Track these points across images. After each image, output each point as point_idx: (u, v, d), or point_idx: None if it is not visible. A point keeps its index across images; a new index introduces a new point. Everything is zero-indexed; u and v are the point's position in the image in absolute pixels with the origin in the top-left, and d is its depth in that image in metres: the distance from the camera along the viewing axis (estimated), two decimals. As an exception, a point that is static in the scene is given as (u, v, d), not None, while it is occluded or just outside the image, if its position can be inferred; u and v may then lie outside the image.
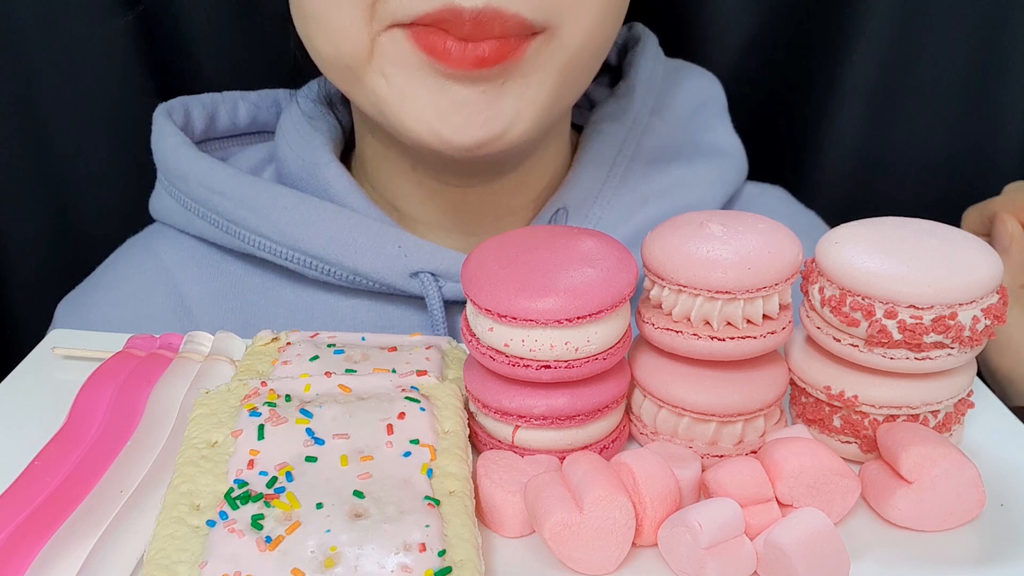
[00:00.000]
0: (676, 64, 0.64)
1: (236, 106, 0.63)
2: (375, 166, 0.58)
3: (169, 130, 0.58)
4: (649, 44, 0.62)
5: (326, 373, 0.41)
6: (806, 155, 0.74)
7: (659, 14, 0.68)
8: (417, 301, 0.55)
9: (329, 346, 0.45)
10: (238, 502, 0.34)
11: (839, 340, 0.40)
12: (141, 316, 0.57)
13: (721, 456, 0.41)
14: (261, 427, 0.37)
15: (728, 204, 0.61)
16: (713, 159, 0.60)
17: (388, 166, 0.56)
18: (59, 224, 0.74)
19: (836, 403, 0.41)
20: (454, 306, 0.55)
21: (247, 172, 0.57)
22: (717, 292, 0.38)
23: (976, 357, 0.40)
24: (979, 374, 0.42)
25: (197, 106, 0.61)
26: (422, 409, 0.39)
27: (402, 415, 0.38)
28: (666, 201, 0.58)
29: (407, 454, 0.37)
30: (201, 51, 0.71)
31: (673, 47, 0.65)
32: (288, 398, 0.39)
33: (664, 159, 0.59)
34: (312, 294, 0.56)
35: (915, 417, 0.40)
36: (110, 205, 0.73)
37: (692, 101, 0.62)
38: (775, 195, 0.65)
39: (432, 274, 0.53)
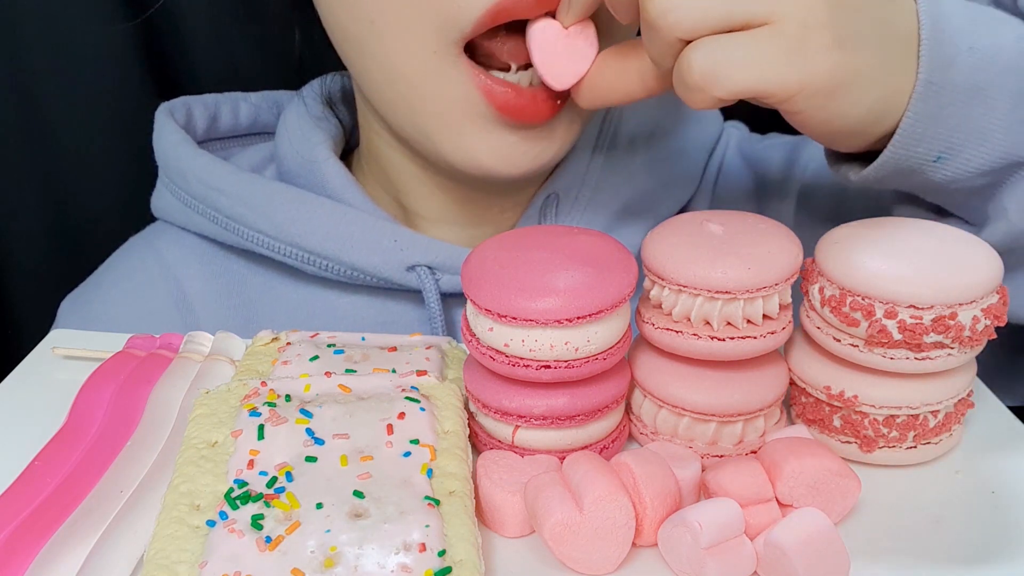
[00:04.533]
0: None
1: (238, 106, 0.63)
2: (380, 163, 0.58)
3: (170, 128, 0.58)
4: None
5: (326, 373, 0.41)
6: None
7: None
8: (415, 295, 0.56)
9: (329, 346, 0.45)
10: (238, 502, 0.34)
11: (839, 340, 0.40)
12: (144, 313, 0.58)
13: (721, 456, 0.41)
14: (261, 427, 0.37)
15: (709, 160, 0.63)
16: (690, 126, 0.61)
17: (394, 163, 0.57)
18: (60, 223, 0.74)
19: (836, 403, 0.41)
20: (452, 299, 0.55)
21: (248, 171, 0.57)
22: (717, 292, 0.38)
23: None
24: (978, 374, 0.42)
25: (199, 106, 0.61)
26: (422, 409, 0.39)
27: (402, 415, 0.38)
28: (652, 175, 0.59)
29: (407, 454, 0.37)
30: (200, 50, 0.71)
31: None
32: (288, 398, 0.39)
33: (643, 135, 0.60)
34: (312, 290, 0.57)
35: (915, 417, 0.40)
36: (110, 204, 0.73)
37: None
38: (732, 140, 0.65)
39: (429, 267, 0.53)
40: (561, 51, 0.45)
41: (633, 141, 0.60)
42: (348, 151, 0.62)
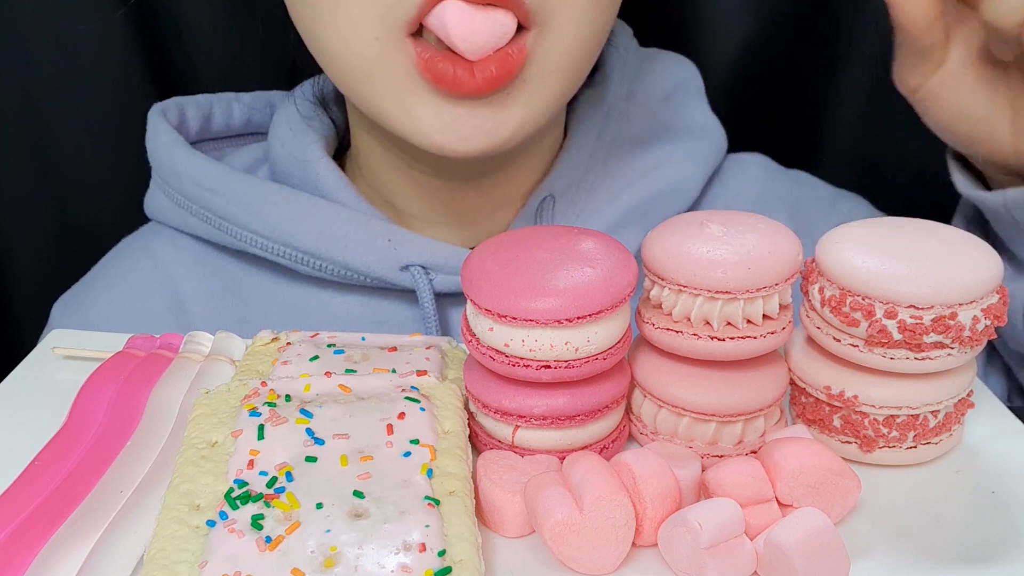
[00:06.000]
0: (649, 52, 0.64)
1: (230, 107, 0.63)
2: (370, 162, 0.58)
3: (163, 128, 0.58)
4: (621, 34, 0.63)
5: (326, 373, 0.41)
6: (805, 155, 0.74)
7: (658, 15, 0.68)
8: (409, 295, 0.56)
9: (329, 346, 0.45)
10: (238, 502, 0.34)
11: (839, 340, 0.40)
12: (137, 314, 0.58)
13: (721, 456, 0.41)
14: (261, 427, 0.37)
15: (711, 179, 0.62)
16: (691, 138, 0.61)
17: (383, 163, 0.57)
18: (59, 223, 0.74)
19: (836, 403, 0.41)
20: (446, 298, 0.55)
21: (242, 171, 0.57)
22: (717, 292, 0.38)
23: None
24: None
25: (192, 106, 0.61)
26: (422, 409, 0.39)
27: (402, 415, 0.38)
28: (649, 182, 0.58)
29: (407, 454, 0.37)
30: (198, 50, 0.71)
31: (673, 47, 0.65)
32: (288, 398, 0.39)
33: (643, 141, 0.60)
34: (306, 291, 0.57)
35: (915, 417, 0.40)
36: (110, 204, 0.73)
37: (665, 85, 0.63)
38: (756, 162, 0.65)
39: (422, 267, 0.53)
40: (479, 22, 0.44)
41: (634, 147, 0.60)
42: (341, 151, 0.62)
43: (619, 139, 0.60)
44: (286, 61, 0.60)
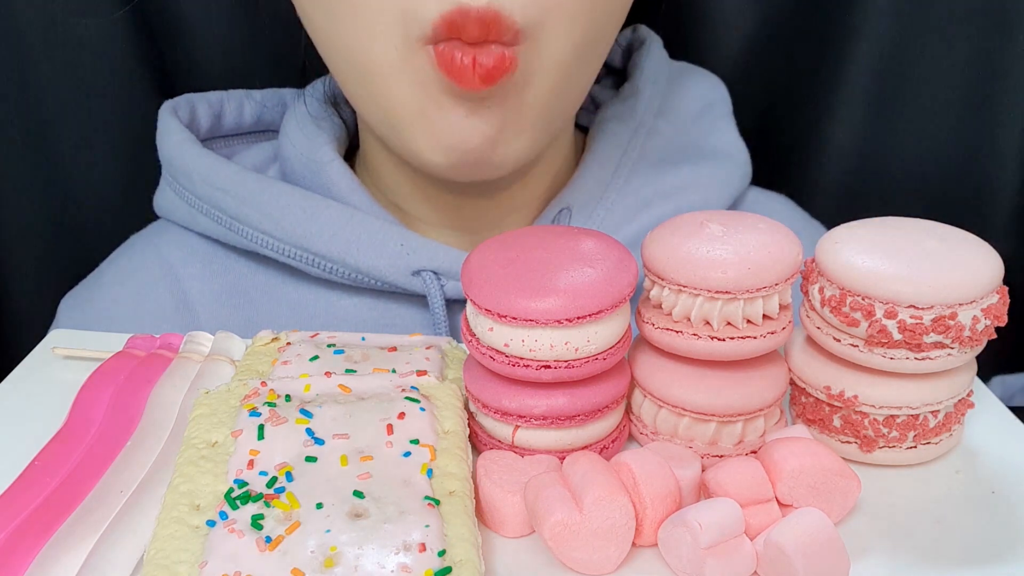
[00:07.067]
0: (681, 67, 0.64)
1: (242, 104, 0.63)
2: (378, 167, 0.58)
3: (174, 127, 0.58)
4: (654, 46, 0.62)
5: (326, 373, 0.41)
6: (806, 155, 0.74)
7: (660, 14, 0.68)
8: (419, 299, 0.55)
9: (329, 346, 0.45)
10: (238, 502, 0.34)
11: (839, 340, 0.40)
12: (144, 312, 0.58)
13: (721, 456, 0.41)
14: (261, 427, 0.37)
15: (731, 208, 0.61)
16: (717, 162, 0.60)
17: (390, 168, 0.57)
18: (59, 223, 0.74)
19: (836, 403, 0.41)
20: (456, 305, 0.55)
21: (251, 170, 0.57)
22: (717, 292, 0.38)
23: None
24: (979, 374, 0.43)
25: (203, 104, 0.61)
26: (422, 409, 0.39)
27: (402, 415, 0.38)
28: (670, 203, 0.58)
29: (407, 454, 0.37)
30: (201, 48, 0.71)
31: (674, 46, 0.65)
32: (288, 398, 0.39)
33: (669, 161, 0.59)
34: (315, 292, 0.56)
35: (915, 417, 0.40)
36: (110, 203, 0.73)
37: (697, 104, 0.62)
38: (779, 202, 0.65)
39: (434, 272, 0.53)
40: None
41: (659, 166, 0.59)
42: (351, 151, 0.62)
43: (645, 156, 0.59)
44: (289, 56, 0.60)
